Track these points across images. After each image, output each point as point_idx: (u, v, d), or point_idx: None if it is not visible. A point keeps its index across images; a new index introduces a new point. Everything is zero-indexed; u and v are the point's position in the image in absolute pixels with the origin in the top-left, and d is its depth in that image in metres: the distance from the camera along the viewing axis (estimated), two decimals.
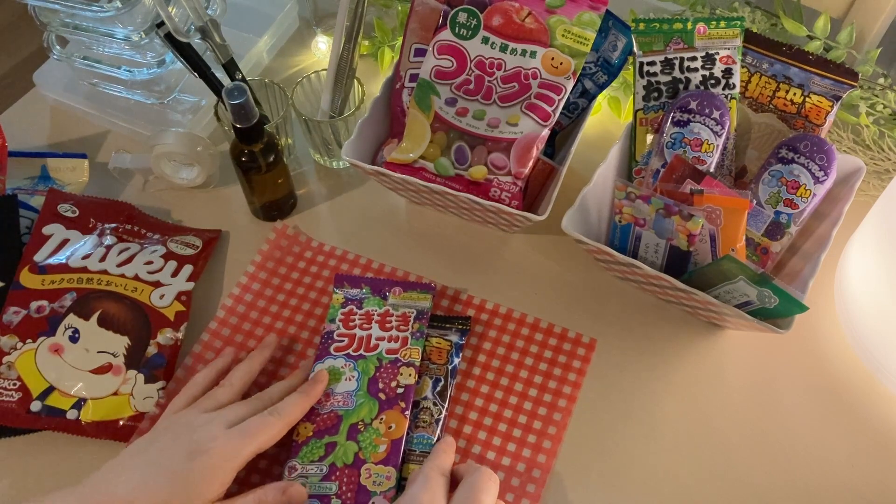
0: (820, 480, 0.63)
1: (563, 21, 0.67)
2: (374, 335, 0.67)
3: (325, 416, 0.63)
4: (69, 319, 0.66)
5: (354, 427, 0.62)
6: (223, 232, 0.77)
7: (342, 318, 0.68)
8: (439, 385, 0.65)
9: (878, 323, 0.65)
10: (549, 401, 0.66)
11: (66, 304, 0.66)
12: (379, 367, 0.65)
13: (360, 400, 0.63)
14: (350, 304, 0.69)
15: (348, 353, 0.66)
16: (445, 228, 0.77)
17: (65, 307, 0.66)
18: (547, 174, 0.73)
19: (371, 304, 0.69)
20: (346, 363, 0.65)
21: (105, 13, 0.72)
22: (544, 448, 0.64)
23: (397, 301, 0.69)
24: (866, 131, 0.79)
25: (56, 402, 0.63)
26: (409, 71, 0.74)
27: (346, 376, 0.65)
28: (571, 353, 0.69)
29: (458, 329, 0.69)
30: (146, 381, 0.65)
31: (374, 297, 0.69)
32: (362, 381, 0.64)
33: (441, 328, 0.69)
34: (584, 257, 0.75)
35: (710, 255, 0.64)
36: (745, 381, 0.68)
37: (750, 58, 0.71)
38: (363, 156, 0.73)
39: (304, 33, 0.94)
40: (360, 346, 0.66)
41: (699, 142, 0.68)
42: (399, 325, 0.67)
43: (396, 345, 0.66)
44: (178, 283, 0.70)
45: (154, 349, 0.66)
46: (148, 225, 0.75)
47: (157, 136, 0.75)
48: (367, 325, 0.67)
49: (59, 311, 0.66)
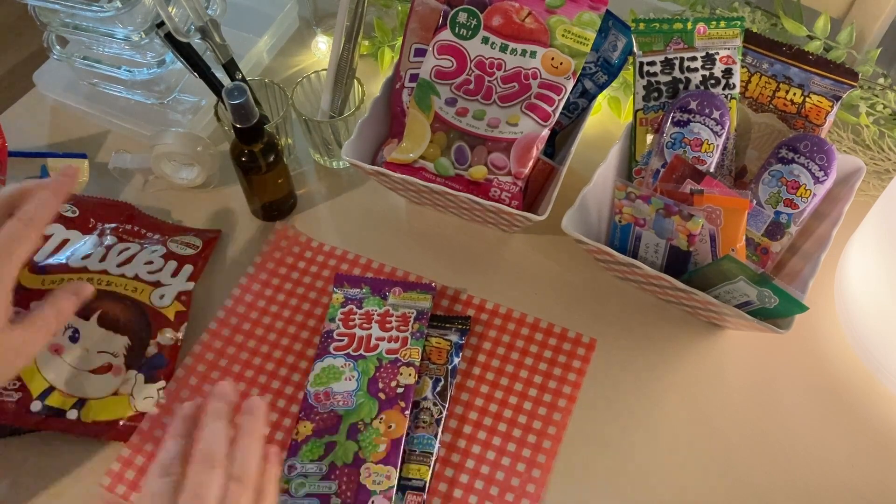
0: (820, 480, 0.63)
1: (563, 21, 0.67)
2: (374, 335, 0.67)
3: (324, 416, 0.63)
4: (69, 319, 0.66)
5: (354, 427, 0.62)
6: (223, 232, 0.77)
7: (342, 317, 0.68)
8: (439, 385, 0.65)
9: (878, 323, 0.65)
10: (548, 401, 0.66)
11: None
12: (379, 366, 0.65)
13: (359, 399, 0.63)
14: (350, 303, 0.69)
15: (348, 353, 0.66)
16: (445, 228, 0.77)
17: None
18: (547, 174, 0.73)
19: (371, 304, 0.69)
20: (346, 363, 0.65)
21: (105, 13, 0.72)
22: (544, 448, 0.64)
23: (397, 301, 0.69)
24: (866, 131, 0.79)
25: (56, 402, 0.63)
26: (409, 71, 0.74)
27: (346, 376, 0.65)
28: (571, 353, 0.69)
29: (458, 329, 0.69)
30: (146, 380, 0.65)
31: (374, 297, 0.69)
32: (362, 381, 0.64)
33: (441, 328, 0.69)
34: (584, 257, 0.75)
35: (710, 255, 0.64)
36: (745, 381, 0.68)
37: (750, 58, 0.71)
38: (363, 156, 0.73)
39: (304, 33, 0.94)
40: (360, 346, 0.66)
41: (699, 142, 0.68)
42: (399, 325, 0.67)
43: (396, 345, 0.66)
44: (179, 283, 0.70)
45: (154, 349, 0.66)
46: (148, 225, 0.75)
47: (157, 136, 0.75)
48: (366, 324, 0.68)
49: None
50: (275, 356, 0.69)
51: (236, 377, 0.68)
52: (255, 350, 0.69)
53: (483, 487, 0.62)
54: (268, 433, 0.54)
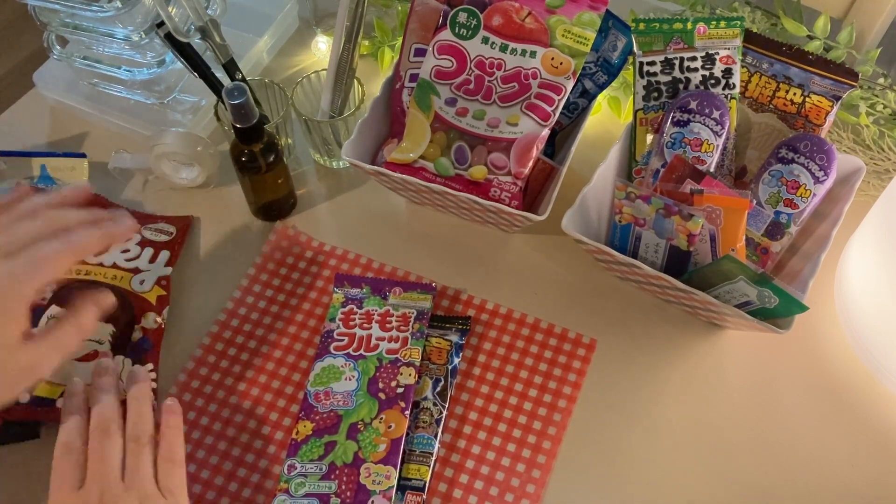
0: (820, 480, 0.63)
1: (563, 21, 0.67)
2: (374, 335, 0.67)
3: (324, 416, 0.63)
4: (52, 310, 0.66)
5: (354, 426, 0.62)
6: (225, 231, 0.77)
7: (342, 317, 0.68)
8: (439, 385, 0.65)
9: (878, 323, 0.65)
10: (548, 401, 0.66)
11: (47, 296, 0.67)
12: (379, 366, 0.65)
13: (359, 399, 0.64)
14: (350, 303, 0.69)
15: (348, 353, 0.66)
16: (445, 228, 0.77)
17: (46, 299, 0.67)
18: (547, 174, 0.73)
19: (371, 304, 0.69)
20: (346, 363, 0.65)
21: (105, 13, 0.72)
22: (544, 448, 0.64)
23: (398, 301, 0.69)
24: (866, 131, 0.79)
25: (44, 391, 0.63)
26: (409, 71, 0.74)
27: (346, 376, 0.65)
28: (571, 354, 0.69)
29: (458, 329, 0.69)
30: (134, 364, 0.66)
31: (374, 297, 0.69)
32: (362, 381, 0.64)
33: (441, 328, 0.69)
34: (584, 257, 0.75)
35: (710, 255, 0.64)
36: (745, 381, 0.68)
37: (750, 58, 0.71)
38: (363, 156, 0.73)
39: (304, 33, 0.94)
40: (361, 346, 0.66)
41: (699, 142, 0.68)
42: (399, 325, 0.67)
43: (396, 345, 0.66)
44: (157, 268, 0.71)
45: (139, 333, 0.67)
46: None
47: (157, 136, 0.75)
48: (367, 324, 0.68)
49: (41, 303, 0.66)
50: (275, 356, 0.69)
51: (236, 377, 0.68)
52: (255, 350, 0.69)
53: (483, 487, 0.62)
54: (153, 396, 0.60)
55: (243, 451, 0.64)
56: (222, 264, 0.75)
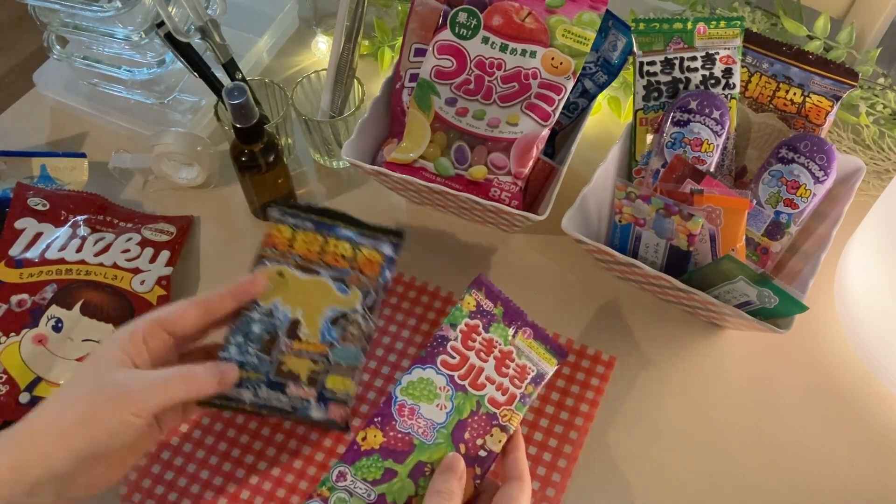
0: (820, 480, 0.63)
1: (563, 21, 0.67)
2: (486, 372, 0.56)
3: (399, 436, 0.54)
4: (52, 310, 0.66)
5: (421, 467, 0.53)
6: (225, 231, 0.77)
7: (465, 329, 0.57)
8: (370, 299, 0.59)
9: (878, 323, 0.65)
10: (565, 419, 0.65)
11: (47, 296, 0.67)
12: (475, 412, 0.55)
13: (439, 439, 0.54)
14: (478, 318, 0.58)
15: (453, 377, 0.55)
16: (445, 228, 0.77)
17: (46, 299, 0.67)
18: (547, 174, 0.73)
19: (497, 333, 0.57)
20: (446, 387, 0.55)
21: (105, 13, 0.72)
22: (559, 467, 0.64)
23: (523, 346, 0.58)
24: (866, 131, 0.79)
25: (45, 392, 0.63)
26: (409, 71, 0.74)
27: (440, 403, 0.55)
28: (590, 371, 0.67)
29: (391, 243, 0.62)
30: None
31: (502, 326, 0.58)
32: (451, 419, 0.54)
33: (374, 238, 0.62)
34: (584, 257, 0.75)
35: (710, 255, 0.64)
36: (745, 381, 0.68)
37: (750, 58, 0.71)
38: (363, 156, 0.73)
39: (304, 33, 0.94)
40: (468, 376, 0.56)
41: (699, 142, 0.68)
42: (514, 376, 0.56)
43: (503, 398, 0.55)
44: (157, 268, 0.71)
45: None
46: (119, 215, 0.76)
47: (157, 136, 0.75)
48: (485, 355, 0.57)
49: (41, 303, 0.66)
50: None
51: None
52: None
53: None
54: None
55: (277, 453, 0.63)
56: (222, 264, 0.75)
